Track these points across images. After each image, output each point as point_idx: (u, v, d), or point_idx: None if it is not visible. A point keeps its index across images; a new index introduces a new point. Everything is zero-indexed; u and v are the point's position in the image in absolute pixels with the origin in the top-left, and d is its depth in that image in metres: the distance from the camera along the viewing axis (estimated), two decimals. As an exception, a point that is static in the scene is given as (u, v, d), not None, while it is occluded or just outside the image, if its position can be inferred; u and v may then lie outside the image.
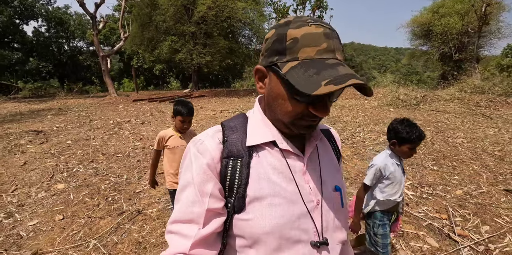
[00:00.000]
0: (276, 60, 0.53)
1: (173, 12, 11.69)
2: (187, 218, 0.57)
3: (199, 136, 0.63)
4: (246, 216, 0.57)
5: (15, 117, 8.02)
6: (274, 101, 0.57)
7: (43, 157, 4.35)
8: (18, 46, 25.08)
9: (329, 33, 0.51)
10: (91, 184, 3.28)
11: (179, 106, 1.96)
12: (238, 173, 0.58)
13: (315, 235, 0.59)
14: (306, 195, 0.60)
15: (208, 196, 0.56)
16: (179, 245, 0.55)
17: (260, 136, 0.61)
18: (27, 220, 2.57)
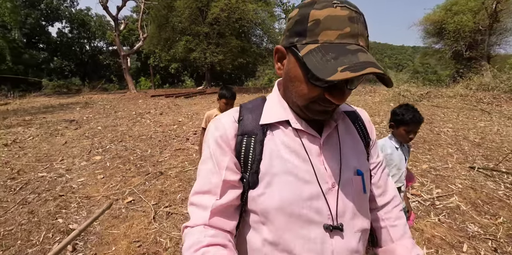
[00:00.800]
0: (296, 41, 0.52)
1: (188, 14, 12.57)
2: (205, 189, 0.60)
3: (220, 115, 0.67)
4: (259, 191, 0.58)
5: (48, 109, 9.05)
6: (290, 82, 0.57)
7: (79, 138, 5.20)
8: (43, 47, 26.81)
9: (354, 16, 0.49)
10: (122, 156, 4.07)
11: (223, 90, 2.25)
12: (252, 149, 0.60)
13: (329, 218, 0.59)
14: (321, 176, 0.59)
15: (225, 168, 0.59)
16: (199, 217, 0.58)
17: (274, 115, 0.62)
18: (76, 178, 3.36)
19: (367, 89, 11.81)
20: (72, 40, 27.95)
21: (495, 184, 3.05)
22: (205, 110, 8.08)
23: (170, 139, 4.99)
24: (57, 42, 27.07)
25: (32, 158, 4.13)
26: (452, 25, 19.35)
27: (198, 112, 7.78)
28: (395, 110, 1.59)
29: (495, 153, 4.12)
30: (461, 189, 2.96)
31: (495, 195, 2.79)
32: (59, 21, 27.09)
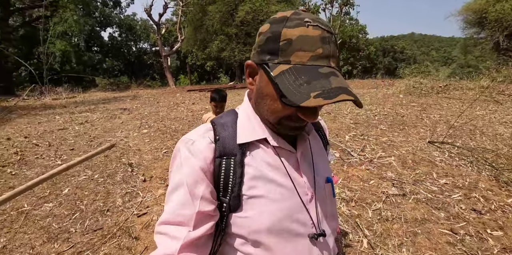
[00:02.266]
0: (268, 59, 0.53)
1: (219, 17, 14.20)
2: (177, 220, 0.57)
3: (189, 135, 0.63)
4: (245, 214, 0.58)
5: (105, 101, 11.23)
6: (262, 100, 0.58)
7: (131, 119, 6.95)
8: (97, 49, 30.72)
9: (326, 37, 0.50)
10: (162, 130, 5.65)
11: (213, 94, 2.36)
12: (232, 172, 0.58)
13: (312, 226, 0.62)
14: (301, 189, 0.62)
15: (199, 198, 0.57)
16: (168, 247, 0.55)
17: (251, 133, 0.61)
18: (131, 141, 4.97)
19: (386, 82, 12.35)
20: (121, 43, 31.59)
21: (440, 153, 3.97)
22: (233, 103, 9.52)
23: (197, 119, 6.50)
24: (108, 45, 30.81)
25: (101, 131, 5.89)
26: (493, 14, 18.48)
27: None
28: None
29: (463, 133, 4.92)
30: (402, 153, 3.94)
31: (430, 159, 3.73)
32: (110, 27, 30.75)
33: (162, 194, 2.95)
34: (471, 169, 3.41)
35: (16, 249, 2.20)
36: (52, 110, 8.92)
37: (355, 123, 5.32)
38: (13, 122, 7.22)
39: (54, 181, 3.36)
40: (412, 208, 2.55)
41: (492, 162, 3.53)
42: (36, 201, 2.93)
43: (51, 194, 3.07)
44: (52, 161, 4.09)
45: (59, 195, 3.04)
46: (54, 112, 8.43)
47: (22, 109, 9.30)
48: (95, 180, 3.38)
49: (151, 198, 2.90)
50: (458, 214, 2.50)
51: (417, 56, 41.97)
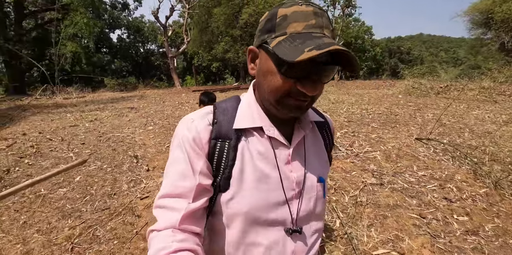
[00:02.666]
0: (266, 37, 0.57)
1: (224, 20, 14.59)
2: (177, 192, 0.59)
3: (191, 114, 0.67)
4: (228, 196, 0.61)
5: (114, 100, 11.69)
6: (263, 78, 0.59)
7: (138, 117, 7.33)
8: (106, 51, 31.46)
9: (318, 12, 0.54)
10: (166, 127, 6.00)
11: (202, 96, 2.30)
12: (225, 154, 0.61)
13: (291, 222, 0.63)
14: (289, 184, 0.63)
15: (199, 172, 0.60)
16: (168, 220, 0.57)
17: (248, 121, 0.63)
18: (137, 136, 5.32)
19: (387, 83, 12.52)
20: (129, 44, 32.29)
21: (425, 149, 4.21)
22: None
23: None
24: (117, 47, 31.53)
25: (109, 127, 6.28)
26: (499, 14, 18.43)
27: (226, 102, 9.64)
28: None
29: (452, 131, 5.13)
30: (388, 148, 4.19)
31: (414, 154, 3.98)
32: (119, 28, 31.47)
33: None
34: (452, 163, 3.64)
35: (35, 224, 2.55)
36: (63, 108, 9.39)
37: (348, 122, 5.58)
38: (27, 120, 7.67)
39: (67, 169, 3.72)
40: (387, 196, 2.82)
41: (473, 157, 3.76)
42: (51, 187, 3.29)
43: (65, 181, 3.43)
44: (65, 153, 4.47)
45: (71, 182, 3.39)
46: (65, 111, 8.89)
47: (35, 107, 9.81)
48: (104, 169, 3.73)
49: (153, 184, 3.23)
50: (430, 201, 2.75)
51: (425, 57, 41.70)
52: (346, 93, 10.51)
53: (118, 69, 31.63)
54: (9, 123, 7.27)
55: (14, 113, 8.71)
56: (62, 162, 4.10)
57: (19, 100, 12.21)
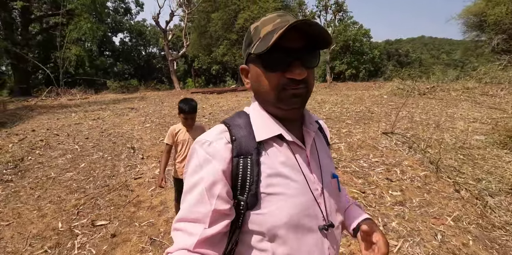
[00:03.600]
0: (248, 50, 0.63)
1: (221, 24, 15.26)
2: (193, 217, 0.59)
3: (205, 136, 0.65)
4: (263, 211, 0.61)
5: (115, 101, 12.35)
6: (257, 84, 0.63)
7: (137, 116, 7.95)
8: (109, 54, 32.32)
9: (280, 14, 0.62)
10: (162, 124, 6.61)
11: (182, 104, 2.05)
12: (249, 171, 0.61)
13: (323, 219, 0.66)
14: (312, 184, 0.66)
15: (216, 197, 0.59)
16: (184, 242, 0.58)
17: (266, 131, 0.65)
18: (135, 132, 5.93)
19: (376, 84, 13.08)
20: (131, 48, 33.12)
21: (388, 141, 4.77)
22: (229, 103, 10.46)
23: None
24: (119, 50, 32.36)
25: (110, 125, 6.90)
26: (492, 17, 18.92)
27: (219, 102, 10.23)
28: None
29: (420, 126, 5.69)
30: (353, 141, 4.74)
31: (375, 145, 4.53)
32: (121, 32, 32.32)
33: (155, 166, 3.88)
34: (406, 152, 4.20)
35: (48, 197, 3.15)
36: (68, 109, 10.06)
37: (326, 119, 6.15)
38: (35, 118, 8.34)
39: (73, 158, 4.33)
40: (339, 176, 3.39)
41: (427, 148, 4.31)
42: (60, 171, 3.89)
43: (71, 167, 4.04)
44: (71, 146, 5.08)
45: (77, 168, 3.99)
46: (70, 111, 9.56)
47: (42, 108, 10.49)
48: (105, 158, 4.34)
49: (146, 168, 3.83)
50: (373, 181, 3.32)
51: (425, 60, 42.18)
52: (335, 94, 11.09)
53: (121, 72, 32.43)
54: (18, 121, 7.92)
55: (22, 113, 9.38)
56: (68, 152, 4.71)
57: (26, 101, 12.92)
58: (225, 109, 8.36)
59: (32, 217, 2.75)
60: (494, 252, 2.20)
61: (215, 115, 7.37)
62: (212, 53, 18.43)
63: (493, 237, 2.39)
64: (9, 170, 3.98)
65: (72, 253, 2.18)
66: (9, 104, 11.79)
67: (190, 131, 2.24)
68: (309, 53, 0.59)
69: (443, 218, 2.61)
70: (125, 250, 2.17)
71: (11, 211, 2.87)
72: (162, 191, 3.12)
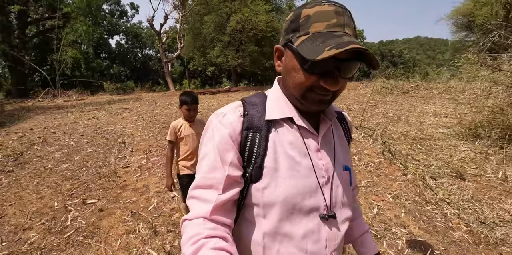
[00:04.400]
0: (291, 37, 0.61)
1: (214, 27, 15.74)
2: (208, 184, 0.63)
3: (221, 109, 0.69)
4: (262, 185, 0.63)
5: (110, 102, 12.77)
6: (288, 74, 0.63)
7: (131, 116, 8.38)
8: (105, 56, 32.72)
9: (340, 11, 0.57)
10: (153, 122, 7.05)
11: (183, 96, 2.18)
12: (257, 144, 0.64)
13: (325, 208, 0.65)
14: (319, 171, 0.66)
15: (229, 163, 0.62)
16: (200, 209, 0.60)
17: (278, 112, 0.67)
18: (127, 130, 6.37)
19: (364, 84, 13.58)
20: (127, 50, 33.53)
21: (356, 134, 5.23)
22: (219, 103, 10.90)
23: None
24: (115, 52, 32.75)
25: (104, 123, 7.32)
26: (479, 17, 19.48)
27: (209, 102, 10.69)
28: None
29: (390, 121, 6.15)
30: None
31: None
32: (117, 35, 32.74)
33: (142, 158, 4.32)
34: (370, 143, 4.66)
35: (45, 184, 3.58)
36: (64, 109, 10.47)
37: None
38: (32, 118, 8.74)
39: (68, 152, 4.76)
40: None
41: (389, 139, 4.78)
42: (56, 163, 4.32)
43: (67, 159, 4.46)
44: (66, 142, 5.51)
45: (72, 160, 4.42)
46: (66, 111, 9.97)
47: (39, 109, 10.90)
48: (97, 151, 4.77)
49: (134, 159, 4.27)
50: (335, 167, 3.77)
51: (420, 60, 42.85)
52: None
53: (117, 73, 32.77)
54: (16, 121, 8.33)
55: (20, 114, 9.78)
56: (64, 148, 5.14)
57: (23, 103, 13.32)
58: (213, 109, 8.80)
59: (31, 199, 3.18)
60: (420, 221, 2.64)
61: (203, 114, 7.82)
62: (206, 55, 18.88)
63: (424, 210, 2.84)
64: (10, 162, 4.40)
65: (65, 224, 2.61)
66: (7, 106, 12.19)
67: (192, 124, 2.26)
68: (350, 65, 0.58)
69: (384, 196, 3.06)
70: (109, 221, 2.61)
71: (13, 194, 3.30)
72: (146, 177, 3.56)
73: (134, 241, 2.30)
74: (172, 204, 2.87)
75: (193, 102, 2.16)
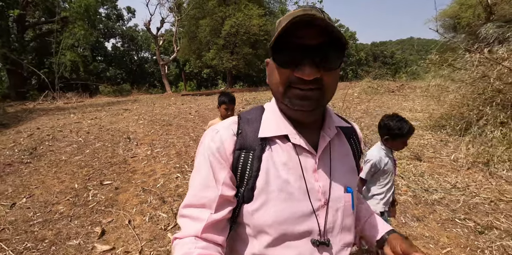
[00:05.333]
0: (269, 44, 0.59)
1: (209, 30, 16.36)
2: (200, 202, 0.62)
3: (216, 125, 0.68)
4: (252, 207, 0.62)
5: (110, 103, 13.27)
6: (270, 78, 0.63)
7: (131, 116, 8.91)
8: (101, 59, 33.10)
9: (307, 8, 0.56)
10: (153, 121, 7.59)
11: (222, 97, 2.35)
12: (249, 165, 0.62)
13: (318, 234, 0.63)
14: (314, 194, 0.63)
15: (222, 183, 0.62)
16: (192, 228, 0.60)
17: (273, 129, 0.64)
18: (130, 128, 6.90)
19: (353, 84, 14.25)
20: (123, 53, 33.92)
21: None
22: (214, 102, 11.45)
23: (181, 113, 8.44)
24: (111, 55, 33.13)
25: (107, 122, 7.84)
26: (465, 19, 20.35)
27: (205, 102, 11.25)
28: (389, 124, 1.68)
29: (369, 116, 6.77)
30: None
31: None
32: (114, 38, 33.16)
33: (147, 149, 4.87)
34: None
35: (63, 171, 4.11)
36: (66, 111, 10.96)
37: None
38: (36, 119, 9.22)
39: (78, 147, 5.29)
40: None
41: (363, 131, 5.37)
42: (69, 156, 4.84)
43: (78, 152, 4.99)
44: (75, 138, 6.03)
45: (83, 153, 4.95)
46: (68, 112, 10.47)
47: (40, 110, 11.36)
48: (105, 145, 5.30)
49: (139, 151, 4.81)
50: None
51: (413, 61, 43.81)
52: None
53: (113, 76, 33.11)
54: (20, 122, 8.81)
55: (23, 115, 10.25)
56: (74, 143, 5.66)
57: (24, 105, 13.75)
58: (209, 108, 9.37)
59: (53, 183, 3.71)
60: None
61: (200, 113, 8.38)
62: (202, 57, 19.46)
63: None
64: (26, 155, 4.91)
65: (88, 199, 3.16)
66: (8, 108, 12.62)
67: None
68: (327, 53, 0.55)
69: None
70: (125, 196, 3.16)
71: (36, 180, 3.83)
72: (152, 164, 4.12)
73: (147, 208, 2.86)
74: (176, 182, 3.43)
75: (230, 102, 2.34)
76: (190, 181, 0.67)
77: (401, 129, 1.62)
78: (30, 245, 2.35)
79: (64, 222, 2.71)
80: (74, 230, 2.55)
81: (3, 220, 2.78)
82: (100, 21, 26.27)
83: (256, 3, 16.46)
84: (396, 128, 1.63)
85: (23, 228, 2.63)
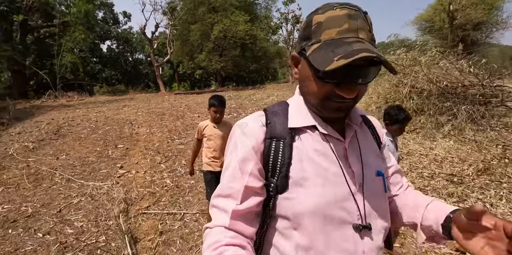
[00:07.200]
0: (304, 45, 0.61)
1: (200, 34, 18.07)
2: (226, 193, 0.64)
3: (244, 119, 0.71)
4: (290, 195, 0.62)
5: (109, 101, 14.83)
6: (303, 83, 0.64)
7: (130, 110, 10.49)
8: (97, 60, 34.50)
9: (352, 14, 0.56)
10: (151, 112, 9.20)
11: (212, 99, 2.41)
12: (281, 153, 0.63)
13: (358, 218, 0.63)
14: (349, 178, 0.64)
15: (248, 174, 0.63)
16: (220, 219, 0.63)
17: (301, 120, 0.67)
18: (131, 117, 8.49)
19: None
20: (118, 54, 35.38)
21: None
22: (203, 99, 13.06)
23: (173, 107, 10.05)
24: (107, 56, 34.54)
25: (111, 114, 9.42)
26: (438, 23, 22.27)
27: (195, 99, 12.92)
28: (389, 111, 1.99)
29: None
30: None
31: None
32: (109, 40, 34.61)
33: (147, 129, 6.50)
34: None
35: (85, 143, 5.70)
36: (71, 107, 12.50)
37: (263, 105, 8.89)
38: (46, 114, 10.75)
39: (92, 130, 6.88)
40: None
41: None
42: (86, 135, 6.43)
43: (93, 133, 6.58)
44: (86, 125, 7.60)
45: (97, 133, 6.54)
46: (73, 108, 12.01)
47: (47, 107, 12.87)
48: (114, 128, 6.92)
49: (141, 131, 6.44)
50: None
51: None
52: (289, 91, 13.89)
53: (108, 77, 34.51)
54: (33, 115, 10.31)
55: (33, 110, 11.75)
56: (87, 127, 7.23)
57: (29, 103, 15.22)
58: (198, 102, 11.01)
59: (80, 148, 5.32)
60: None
61: (189, 106, 10.00)
62: (194, 59, 21.07)
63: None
64: (52, 134, 6.49)
65: (108, 154, 4.78)
66: (16, 105, 14.08)
67: (218, 126, 2.48)
68: (366, 70, 0.56)
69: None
70: (134, 152, 4.80)
71: (67, 147, 5.44)
72: (151, 136, 5.74)
73: (148, 156, 4.50)
74: (168, 144, 5.06)
75: (220, 105, 2.38)
76: (222, 173, 0.70)
77: (397, 115, 1.93)
78: (76, 171, 3.97)
79: (95, 164, 4.33)
80: (103, 166, 4.18)
81: (54, 164, 4.39)
82: (97, 25, 27.79)
83: (243, 10, 18.23)
84: (394, 114, 1.94)
85: (69, 168, 4.25)
